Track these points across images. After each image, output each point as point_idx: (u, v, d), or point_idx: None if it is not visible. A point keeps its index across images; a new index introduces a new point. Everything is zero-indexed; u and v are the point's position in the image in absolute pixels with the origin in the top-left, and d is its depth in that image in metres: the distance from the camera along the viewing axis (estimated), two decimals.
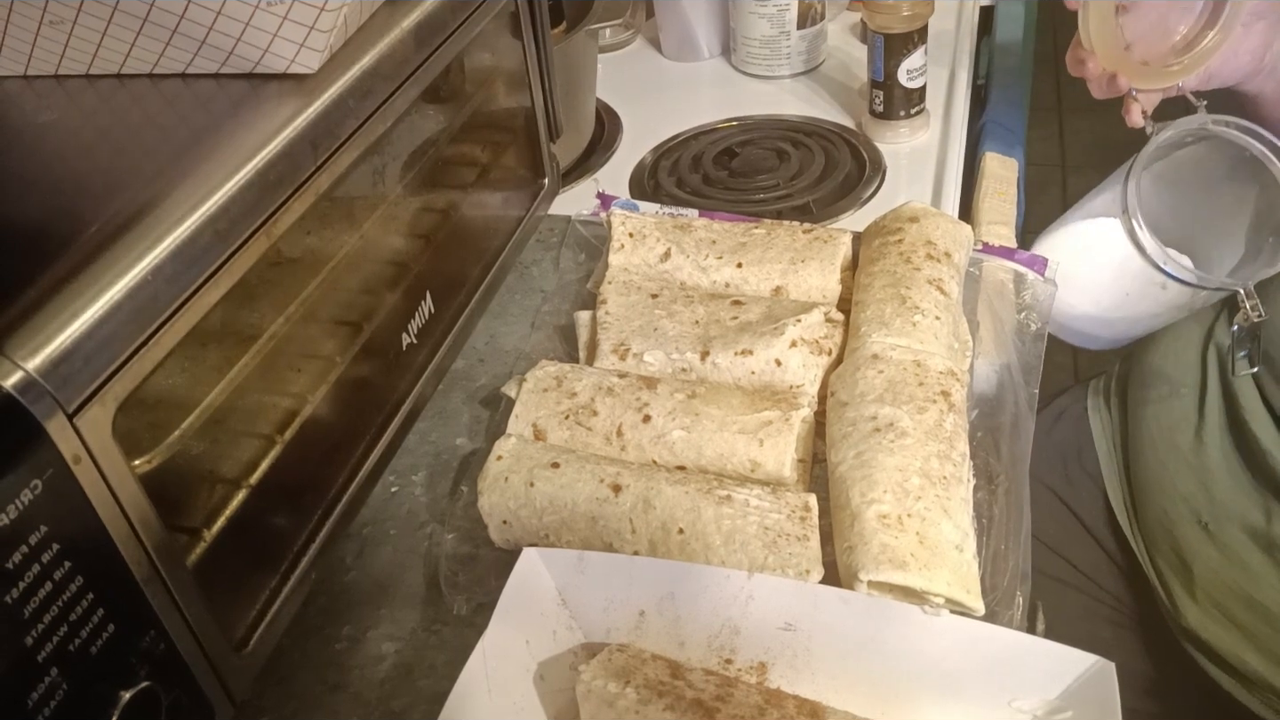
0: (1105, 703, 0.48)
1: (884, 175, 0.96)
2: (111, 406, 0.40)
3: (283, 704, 0.59)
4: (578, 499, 0.61)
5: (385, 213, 0.61)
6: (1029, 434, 0.67)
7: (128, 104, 0.54)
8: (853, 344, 0.68)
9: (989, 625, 0.52)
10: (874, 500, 0.57)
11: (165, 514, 0.44)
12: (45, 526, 0.38)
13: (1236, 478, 0.81)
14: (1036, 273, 0.78)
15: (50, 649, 0.39)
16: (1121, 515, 0.92)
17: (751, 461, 0.63)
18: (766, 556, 0.57)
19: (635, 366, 0.71)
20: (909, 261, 0.71)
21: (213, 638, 0.47)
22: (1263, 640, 0.79)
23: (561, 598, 0.57)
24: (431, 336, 0.67)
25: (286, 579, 0.54)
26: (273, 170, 0.48)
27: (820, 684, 0.54)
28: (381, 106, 0.56)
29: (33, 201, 0.47)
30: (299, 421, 0.54)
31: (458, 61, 0.65)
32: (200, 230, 0.44)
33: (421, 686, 0.60)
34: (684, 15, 1.17)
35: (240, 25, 0.51)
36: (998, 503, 0.63)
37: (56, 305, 0.39)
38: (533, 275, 0.88)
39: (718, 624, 0.55)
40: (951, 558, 0.56)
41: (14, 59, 0.55)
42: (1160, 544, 0.87)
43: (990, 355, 0.72)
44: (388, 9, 0.58)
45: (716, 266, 0.77)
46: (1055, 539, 0.95)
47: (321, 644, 0.62)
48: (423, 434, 0.74)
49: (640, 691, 0.51)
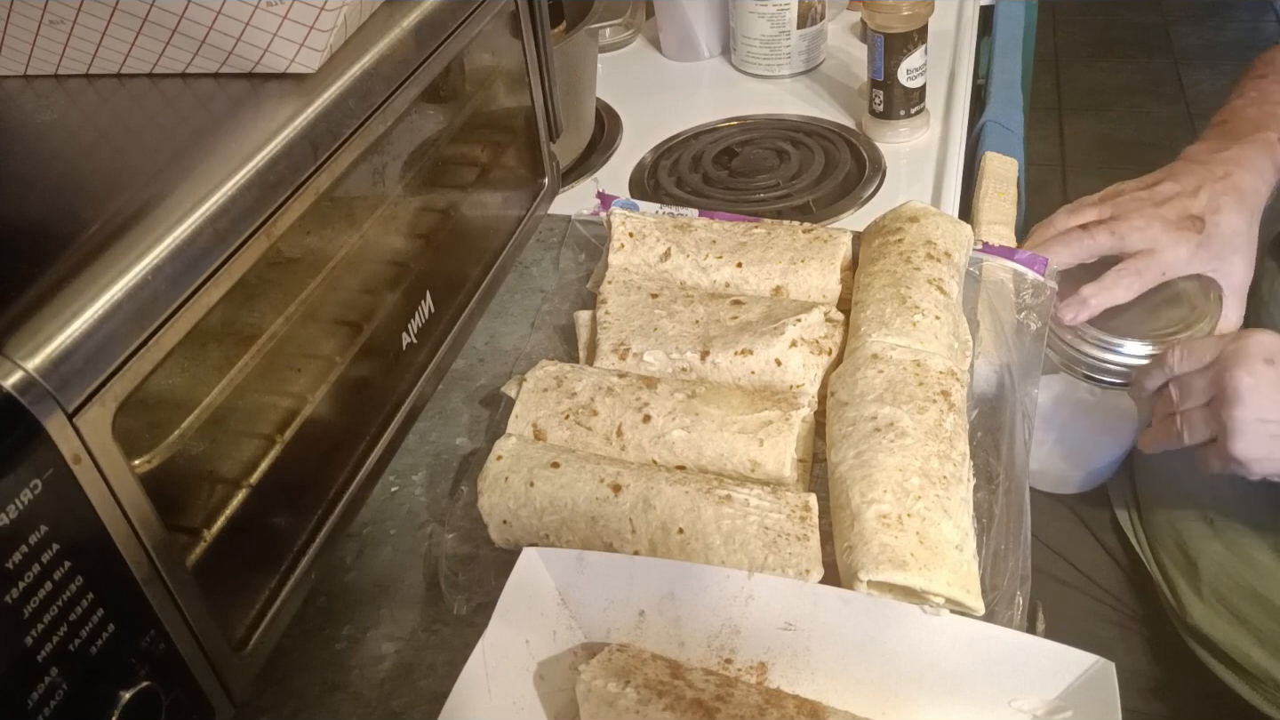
0: (1105, 702, 0.48)
1: (884, 175, 0.96)
2: (111, 406, 0.40)
3: (283, 704, 0.59)
4: (578, 499, 0.61)
5: (385, 212, 0.61)
6: (1029, 434, 0.67)
7: (128, 104, 0.54)
8: (853, 344, 0.68)
9: (989, 625, 0.52)
10: (874, 500, 0.57)
11: (165, 514, 0.44)
12: (45, 526, 0.38)
13: None
14: (1036, 273, 0.78)
15: (50, 649, 0.39)
16: (1123, 513, 0.92)
17: (751, 461, 0.63)
18: (766, 556, 0.57)
19: (635, 366, 0.71)
20: (909, 261, 0.71)
21: (213, 638, 0.47)
22: (1269, 635, 0.79)
23: (561, 597, 0.57)
24: (431, 336, 0.67)
25: (286, 579, 0.54)
26: (273, 170, 0.48)
27: (820, 684, 0.54)
28: (381, 106, 0.56)
29: (33, 201, 0.47)
30: (299, 421, 0.54)
31: (458, 61, 0.65)
32: (200, 230, 0.44)
33: (421, 686, 0.60)
34: (684, 15, 1.17)
35: (240, 25, 0.51)
36: (998, 503, 0.63)
37: (56, 305, 0.39)
38: (533, 275, 0.88)
39: (718, 624, 0.55)
40: (951, 557, 0.56)
41: (14, 59, 0.55)
42: (1165, 541, 0.87)
43: (990, 355, 0.72)
44: (388, 9, 0.58)
45: (716, 266, 0.77)
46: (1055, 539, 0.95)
47: (321, 644, 0.62)
48: (423, 434, 0.74)
49: (640, 691, 0.51)
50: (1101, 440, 0.88)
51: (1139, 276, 0.77)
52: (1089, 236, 0.78)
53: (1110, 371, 0.77)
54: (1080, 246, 0.78)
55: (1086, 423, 0.87)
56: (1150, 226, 0.77)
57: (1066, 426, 0.87)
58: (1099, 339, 0.76)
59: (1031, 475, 0.80)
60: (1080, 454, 0.89)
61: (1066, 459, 0.89)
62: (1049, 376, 0.83)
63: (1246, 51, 0.81)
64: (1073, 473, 0.90)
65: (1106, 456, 0.89)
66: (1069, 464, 0.89)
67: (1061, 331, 0.78)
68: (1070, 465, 0.89)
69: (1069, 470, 0.89)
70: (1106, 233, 0.78)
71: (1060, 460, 0.89)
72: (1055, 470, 0.89)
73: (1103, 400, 0.86)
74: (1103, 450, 0.88)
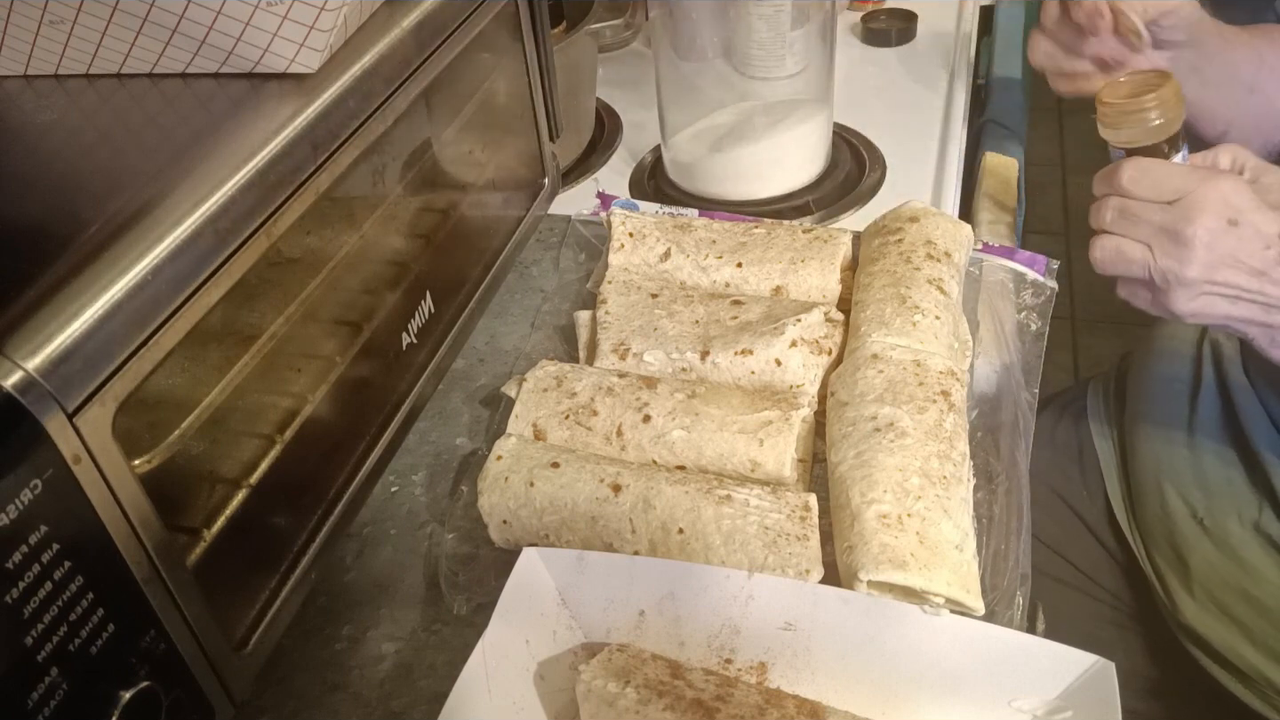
0: (1105, 702, 0.48)
1: (884, 175, 0.96)
2: (111, 406, 0.40)
3: (283, 704, 0.59)
4: (578, 499, 0.61)
5: (385, 212, 0.61)
6: (1029, 434, 0.67)
7: (128, 104, 0.54)
8: (853, 344, 0.68)
9: (989, 625, 0.52)
10: (874, 500, 0.57)
11: (165, 514, 0.44)
12: (45, 526, 0.38)
13: (1231, 474, 0.82)
14: (1036, 273, 0.79)
15: (50, 649, 0.39)
16: (1121, 514, 0.92)
17: (751, 461, 0.63)
18: (766, 556, 0.57)
19: (635, 366, 0.71)
20: (909, 261, 0.71)
21: (213, 638, 0.47)
22: (1259, 635, 0.79)
23: (561, 597, 0.57)
24: (431, 336, 0.67)
25: (286, 579, 0.54)
26: (273, 170, 0.48)
27: (820, 684, 0.54)
28: (381, 106, 0.56)
29: (33, 201, 0.47)
30: (299, 421, 0.54)
31: (458, 61, 0.65)
32: (200, 230, 0.44)
33: (421, 686, 0.60)
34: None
35: (240, 25, 0.51)
36: (998, 503, 0.63)
37: (56, 305, 0.39)
38: (533, 275, 0.88)
39: (718, 624, 0.55)
40: (951, 557, 0.56)
41: (14, 59, 0.55)
42: (1158, 540, 0.87)
43: (990, 355, 0.72)
44: (388, 9, 0.58)
45: (716, 266, 0.77)
46: (1055, 539, 0.95)
47: (321, 644, 0.62)
48: (423, 434, 0.74)
49: (640, 691, 0.51)
50: None
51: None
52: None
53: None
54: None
55: None
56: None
57: None
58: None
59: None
60: None
61: None
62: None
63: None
64: None
65: None
66: None
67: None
68: None
69: None
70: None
71: None
72: None
73: None
74: None
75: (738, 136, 0.91)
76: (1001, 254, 0.80)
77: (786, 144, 0.91)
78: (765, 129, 0.91)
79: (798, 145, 0.91)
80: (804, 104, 0.92)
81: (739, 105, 0.94)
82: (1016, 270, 0.79)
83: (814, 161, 0.93)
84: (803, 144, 0.92)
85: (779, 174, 0.92)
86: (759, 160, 0.91)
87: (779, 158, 0.91)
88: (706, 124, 0.94)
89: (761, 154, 0.91)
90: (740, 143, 0.91)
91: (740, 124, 0.93)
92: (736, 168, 0.91)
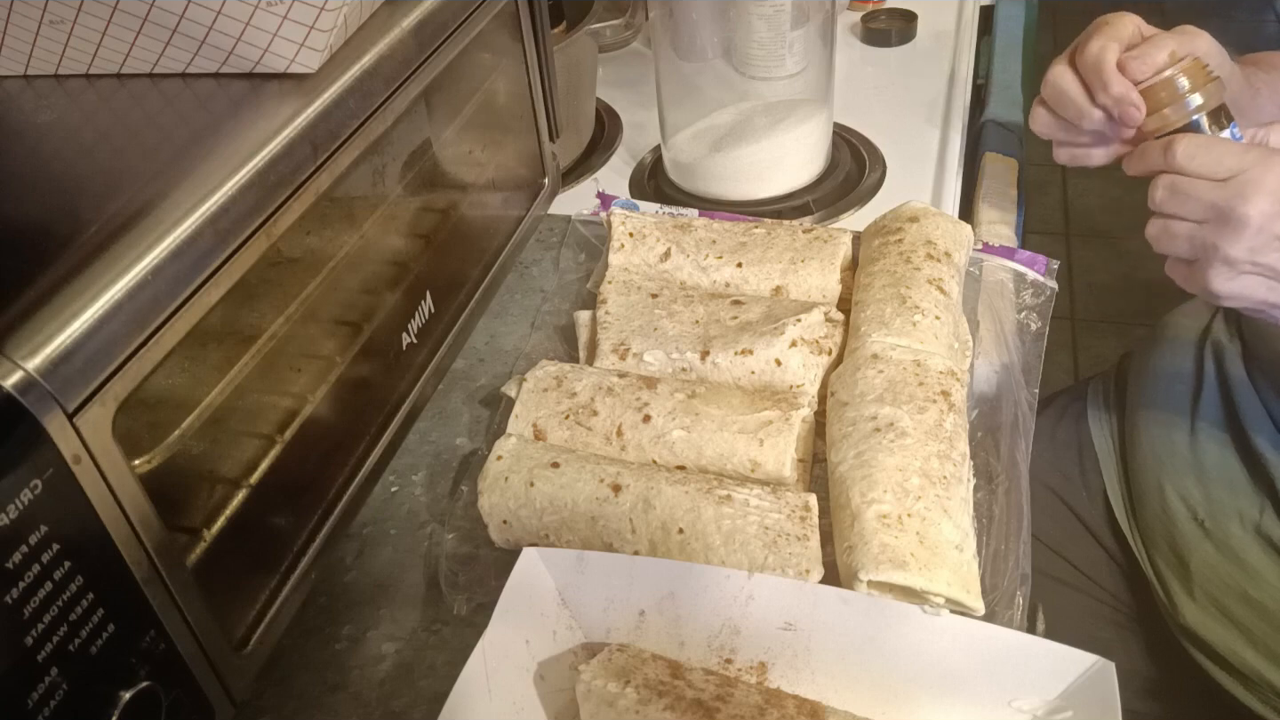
0: (1105, 702, 0.48)
1: (884, 175, 0.96)
2: (111, 406, 0.40)
3: (283, 704, 0.59)
4: (578, 499, 0.61)
5: (385, 212, 0.61)
6: (1029, 434, 0.67)
7: (128, 104, 0.54)
8: (853, 344, 0.68)
9: (989, 625, 0.52)
10: (874, 500, 0.57)
11: (165, 514, 0.44)
12: (45, 526, 0.38)
13: (1233, 475, 0.82)
14: (1036, 273, 0.79)
15: (50, 649, 0.39)
16: (1121, 514, 0.92)
17: (751, 461, 0.63)
18: (766, 556, 0.57)
19: (635, 366, 0.71)
20: (909, 261, 0.71)
21: (213, 638, 0.47)
22: (1259, 637, 0.79)
23: (561, 598, 0.57)
24: (431, 336, 0.67)
25: (286, 579, 0.54)
26: (273, 170, 0.48)
27: (820, 684, 0.54)
28: (381, 106, 0.56)
29: (33, 201, 0.47)
30: (299, 421, 0.54)
31: (458, 61, 0.65)
32: (200, 230, 0.44)
33: (421, 686, 0.60)
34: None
35: (240, 25, 0.51)
36: (998, 503, 0.63)
37: (56, 305, 0.39)
38: (533, 275, 0.88)
39: (718, 624, 0.55)
40: (951, 558, 0.56)
41: (14, 59, 0.55)
42: (1158, 542, 0.87)
43: (990, 355, 0.72)
44: (388, 9, 0.58)
45: (716, 266, 0.77)
46: (1055, 539, 0.95)
47: (321, 644, 0.62)
48: (423, 434, 0.74)
49: (640, 691, 0.51)
50: None
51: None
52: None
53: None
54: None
55: None
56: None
57: None
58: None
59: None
60: None
61: None
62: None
63: (1246, 52, 0.81)
64: None
65: None
66: None
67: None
68: None
69: None
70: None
71: None
72: None
73: None
74: None
75: (738, 136, 0.91)
76: (1001, 254, 0.80)
77: (786, 144, 0.91)
78: (765, 129, 0.91)
79: (798, 145, 0.91)
80: (804, 104, 0.92)
81: (739, 105, 0.94)
82: (1016, 270, 0.79)
83: (814, 161, 0.93)
84: (803, 144, 0.92)
85: (779, 174, 0.92)
86: (759, 160, 0.91)
87: (779, 158, 0.91)
88: (706, 124, 0.94)
89: (761, 154, 0.91)
90: (740, 143, 0.91)
91: (740, 124, 0.93)
92: (736, 168, 0.91)
